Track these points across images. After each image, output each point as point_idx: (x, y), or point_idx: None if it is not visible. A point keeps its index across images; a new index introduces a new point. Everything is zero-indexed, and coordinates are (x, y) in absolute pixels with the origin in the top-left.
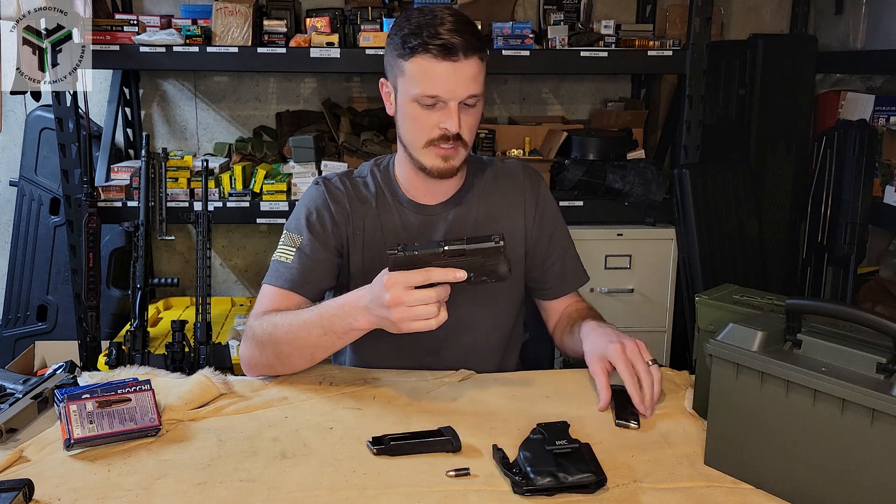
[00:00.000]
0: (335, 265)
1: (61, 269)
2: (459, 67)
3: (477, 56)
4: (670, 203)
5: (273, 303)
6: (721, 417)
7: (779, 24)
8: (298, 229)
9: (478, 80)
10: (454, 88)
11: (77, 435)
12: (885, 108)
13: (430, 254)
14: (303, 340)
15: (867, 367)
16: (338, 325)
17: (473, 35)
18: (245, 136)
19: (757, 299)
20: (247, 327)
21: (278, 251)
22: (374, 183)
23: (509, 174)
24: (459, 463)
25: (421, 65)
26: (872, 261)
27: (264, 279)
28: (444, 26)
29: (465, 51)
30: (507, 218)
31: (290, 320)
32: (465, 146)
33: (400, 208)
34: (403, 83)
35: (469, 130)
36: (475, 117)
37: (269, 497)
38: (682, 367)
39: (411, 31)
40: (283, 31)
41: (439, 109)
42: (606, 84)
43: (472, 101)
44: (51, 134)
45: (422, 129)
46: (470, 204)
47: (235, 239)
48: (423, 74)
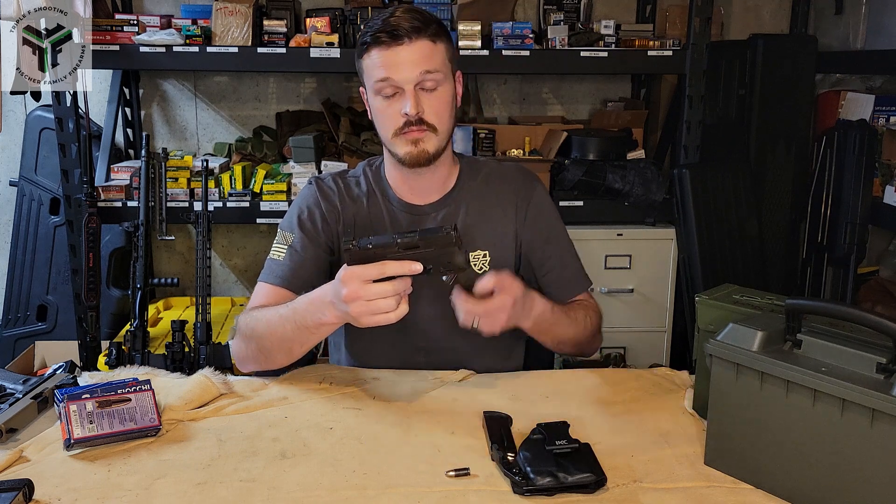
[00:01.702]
0: (325, 262)
1: (61, 269)
2: (405, 49)
3: (426, 38)
4: (670, 203)
5: (264, 299)
6: (721, 417)
7: (779, 24)
8: (290, 228)
9: (431, 59)
10: (403, 69)
11: (77, 435)
12: (885, 108)
13: (384, 246)
14: (279, 335)
15: (867, 367)
16: (308, 320)
17: (421, 19)
18: (245, 136)
19: (757, 299)
20: (236, 322)
21: (272, 249)
22: (366, 182)
23: (502, 176)
24: (459, 463)
25: (373, 56)
26: (872, 261)
27: (259, 277)
28: (393, 15)
29: (408, 33)
30: (497, 219)
31: (269, 315)
32: (435, 131)
33: (390, 207)
34: (366, 80)
35: (435, 114)
36: (440, 101)
37: (269, 497)
38: (682, 367)
39: (364, 31)
40: (283, 31)
41: (399, 98)
42: (606, 84)
43: (432, 85)
44: (51, 134)
45: (388, 120)
46: (460, 204)
47: (235, 239)
48: (374, 64)
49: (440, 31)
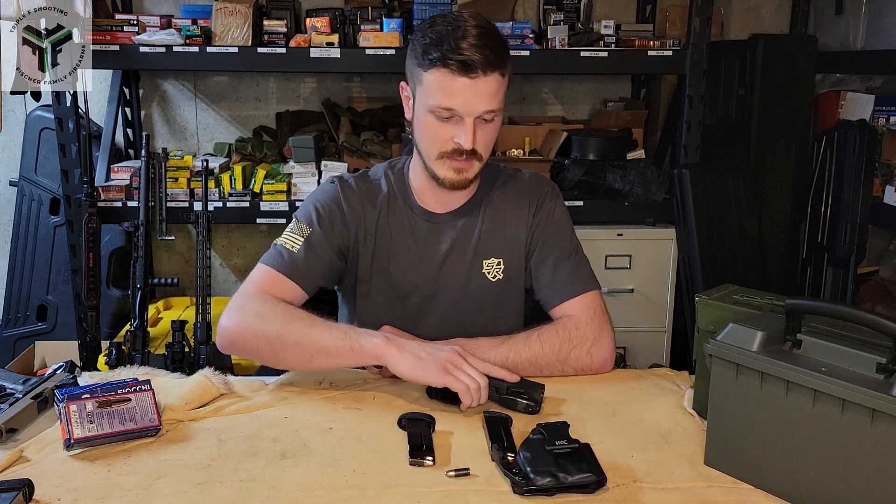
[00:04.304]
0: (335, 266)
1: (61, 269)
2: (478, 84)
3: (497, 73)
4: (670, 203)
5: (271, 286)
6: (721, 417)
7: (779, 24)
8: (309, 221)
9: (497, 96)
10: (471, 104)
11: (77, 435)
12: (885, 108)
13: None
14: (314, 338)
15: (867, 367)
16: (362, 339)
17: (495, 50)
18: (245, 136)
19: (757, 299)
20: (241, 299)
21: (285, 236)
22: (388, 186)
23: (518, 186)
24: (459, 463)
25: (439, 78)
26: (872, 261)
27: (263, 258)
28: (466, 40)
29: (484, 67)
30: (511, 227)
31: (311, 322)
32: (480, 159)
33: (410, 214)
34: (421, 92)
35: (484, 146)
36: (492, 132)
37: (269, 497)
38: (682, 367)
39: (432, 41)
40: (283, 31)
41: (455, 123)
42: (606, 84)
43: (490, 117)
44: (51, 134)
45: (436, 141)
46: (478, 214)
47: (235, 239)
48: (441, 87)
49: (507, 59)
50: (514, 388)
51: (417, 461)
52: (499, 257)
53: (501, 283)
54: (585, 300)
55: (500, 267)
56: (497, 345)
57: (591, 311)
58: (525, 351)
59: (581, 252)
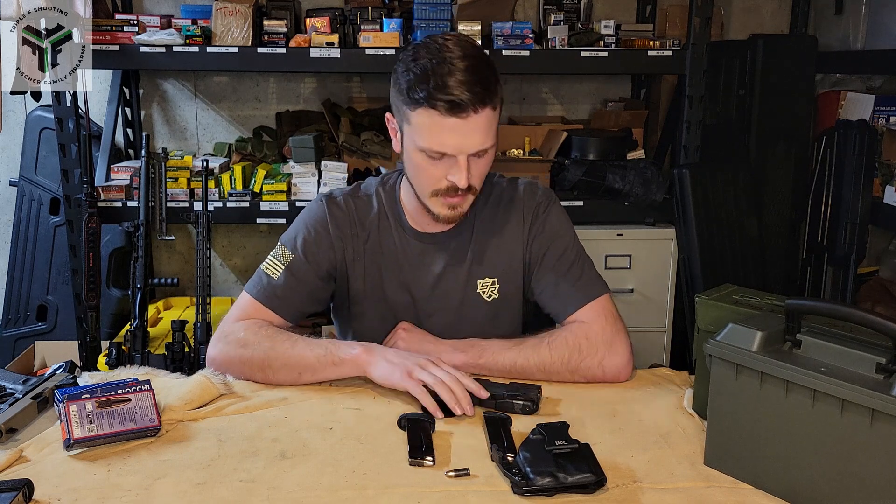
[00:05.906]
0: (322, 290)
1: (61, 269)
2: (469, 122)
3: (489, 107)
4: (670, 203)
5: (251, 315)
6: (721, 417)
7: (779, 24)
8: (293, 247)
9: (490, 131)
10: (463, 144)
11: (77, 435)
12: (885, 108)
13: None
14: (298, 358)
15: (867, 367)
16: (341, 352)
17: (485, 84)
18: (245, 136)
19: (757, 299)
20: (227, 327)
21: (268, 261)
22: (378, 204)
23: (510, 201)
24: (459, 463)
25: (427, 119)
26: (872, 261)
27: (247, 286)
28: (454, 76)
29: (475, 105)
30: (506, 244)
31: (292, 342)
32: (475, 192)
33: (401, 233)
34: (409, 131)
35: (479, 178)
36: (486, 164)
37: (269, 497)
38: (682, 367)
39: (417, 77)
40: (283, 31)
41: (447, 162)
42: (606, 84)
43: (483, 152)
44: (51, 134)
45: (428, 179)
46: (471, 233)
47: (235, 239)
48: (430, 129)
49: (498, 88)
50: (509, 392)
51: (417, 461)
52: (493, 276)
53: (497, 301)
54: (595, 307)
55: (494, 287)
56: (508, 347)
57: (602, 318)
58: (534, 357)
59: (584, 256)
